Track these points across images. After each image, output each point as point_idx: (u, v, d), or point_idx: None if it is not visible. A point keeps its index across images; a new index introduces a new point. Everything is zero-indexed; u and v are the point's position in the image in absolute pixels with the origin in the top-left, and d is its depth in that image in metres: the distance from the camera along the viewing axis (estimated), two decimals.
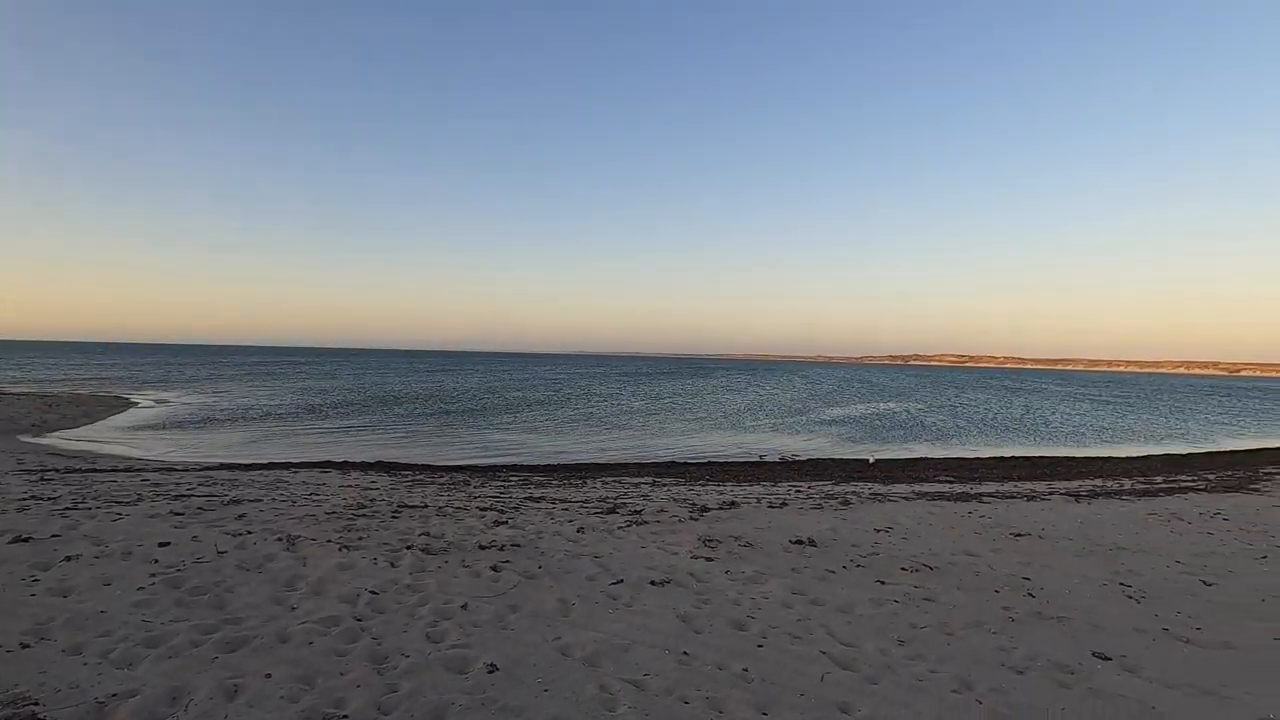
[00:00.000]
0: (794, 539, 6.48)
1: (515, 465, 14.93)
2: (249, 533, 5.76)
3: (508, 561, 5.31)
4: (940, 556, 6.11)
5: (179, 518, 6.19)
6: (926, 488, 11.15)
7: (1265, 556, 6.53)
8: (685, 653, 3.78)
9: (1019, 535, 7.08)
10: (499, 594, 4.57)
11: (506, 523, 6.82)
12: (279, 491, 8.46)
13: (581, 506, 8.11)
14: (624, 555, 5.74)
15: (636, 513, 7.68)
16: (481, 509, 7.66)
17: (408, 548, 5.55)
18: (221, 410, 27.03)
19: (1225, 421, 34.50)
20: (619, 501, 8.61)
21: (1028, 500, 9.53)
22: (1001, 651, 4.04)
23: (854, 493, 10.07)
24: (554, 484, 10.83)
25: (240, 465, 13.25)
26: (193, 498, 7.41)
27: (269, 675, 3.19)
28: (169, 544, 5.21)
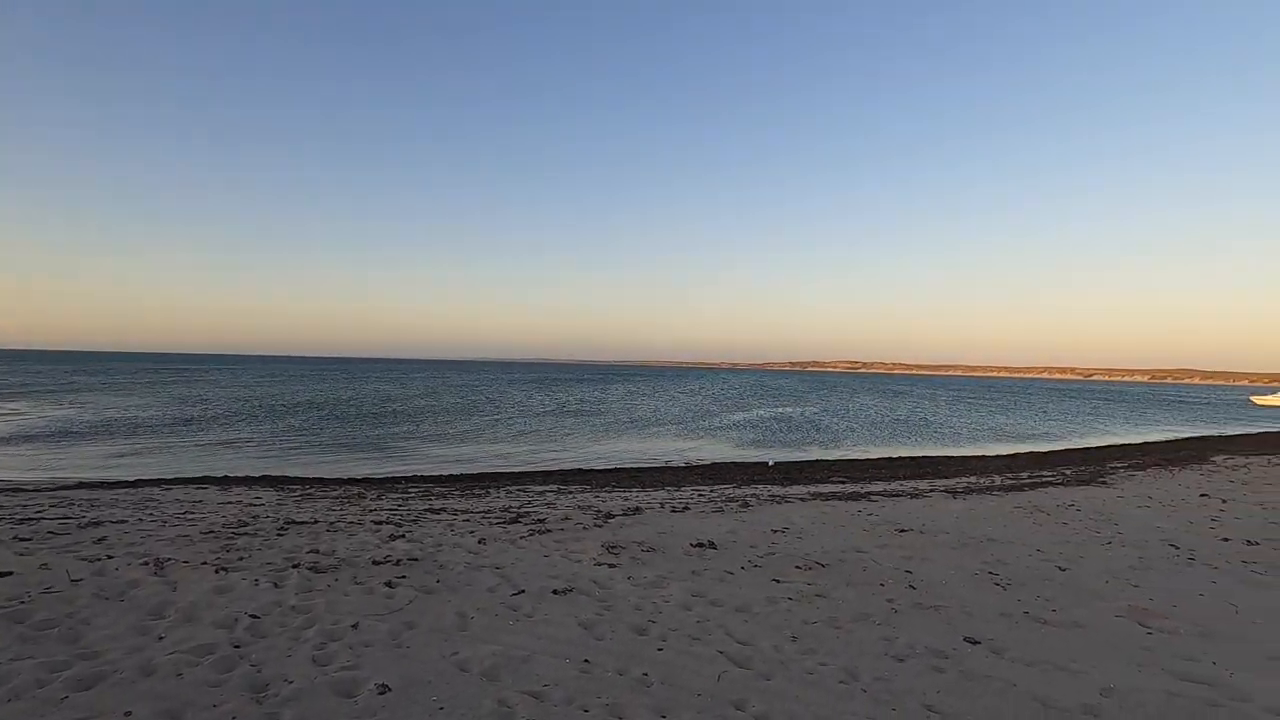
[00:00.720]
0: (695, 542, 6.62)
1: (416, 476, 14.41)
2: (109, 557, 5.26)
3: (404, 577, 5.12)
4: (831, 554, 6.42)
5: (25, 544, 5.57)
6: (821, 488, 11.68)
7: (1110, 542, 7.28)
8: (586, 660, 3.78)
9: (903, 531, 7.55)
10: (394, 611, 4.40)
11: (404, 536, 6.57)
12: (147, 511, 7.77)
13: (484, 517, 7.94)
14: (526, 565, 5.67)
15: (540, 521, 7.60)
16: (377, 523, 7.34)
17: (294, 566, 5.24)
18: (84, 423, 24.45)
19: (1080, 421, 38.18)
20: (523, 510, 8.49)
21: (911, 498, 10.18)
22: (885, 641, 4.29)
23: (754, 495, 10.40)
24: (456, 494, 10.54)
25: (102, 483, 12.06)
26: (42, 520, 6.69)
27: (128, 713, 2.93)
28: (10, 574, 4.67)
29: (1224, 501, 10.07)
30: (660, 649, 4.01)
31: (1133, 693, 3.67)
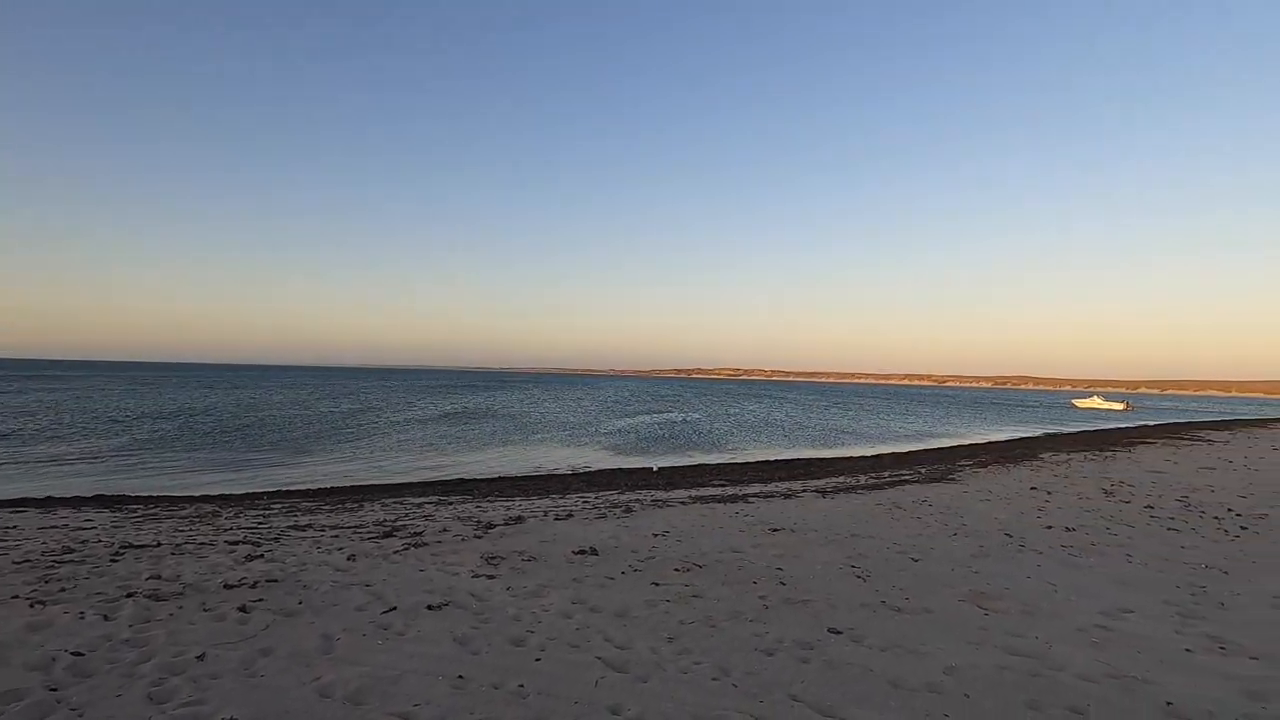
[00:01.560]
0: (577, 549, 6.61)
1: (281, 491, 13.39)
2: None
3: (261, 600, 4.75)
4: (709, 555, 6.62)
5: None
6: (702, 491, 12.02)
7: (956, 534, 8.00)
8: (461, 676, 3.68)
9: (776, 530, 7.92)
10: (247, 638, 4.07)
11: (262, 556, 6.09)
12: None
13: (355, 532, 7.52)
14: (400, 580, 5.43)
15: (417, 534, 7.31)
16: (232, 543, 6.76)
17: (129, 596, 4.72)
18: None
19: (935, 423, 41.69)
20: (398, 524, 8.12)
21: (785, 498, 10.70)
22: (756, 637, 4.48)
23: (637, 500, 10.54)
24: (325, 509, 9.90)
25: None
26: None
27: None
28: None
29: (1049, 494, 11.34)
30: (538, 659, 3.97)
31: (970, 669, 4.05)
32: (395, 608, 4.74)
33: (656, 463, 19.31)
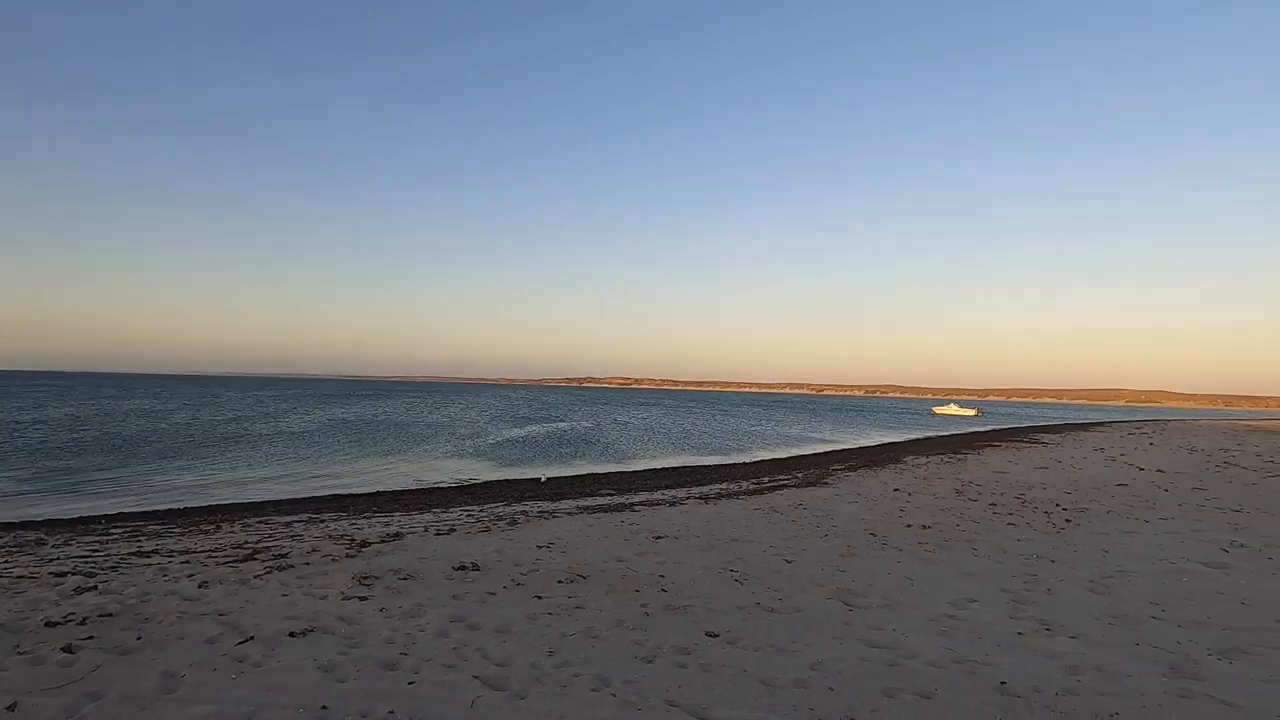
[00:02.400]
0: (458, 565, 6.42)
1: (123, 513, 12.04)
2: None
3: (91, 638, 4.25)
4: (594, 565, 6.63)
5: None
6: (590, 501, 12.02)
7: (827, 535, 8.47)
8: (324, 707, 3.46)
9: (660, 538, 8.06)
10: (72, 681, 3.63)
11: (96, 588, 5.46)
12: None
13: (210, 556, 6.90)
14: (259, 607, 5.04)
15: (281, 556, 6.81)
16: (58, 575, 6.01)
17: None
18: None
19: (813, 429, 44.02)
20: (261, 545, 7.54)
21: (670, 506, 10.91)
22: (636, 645, 4.53)
23: (523, 512, 10.38)
24: (175, 532, 9.02)
25: None
26: None
27: None
28: None
29: (909, 495, 12.27)
30: (411, 682, 3.81)
31: (834, 663, 4.30)
32: (252, 637, 4.39)
33: (544, 473, 19.10)
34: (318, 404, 61.27)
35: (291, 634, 4.46)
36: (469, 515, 10.28)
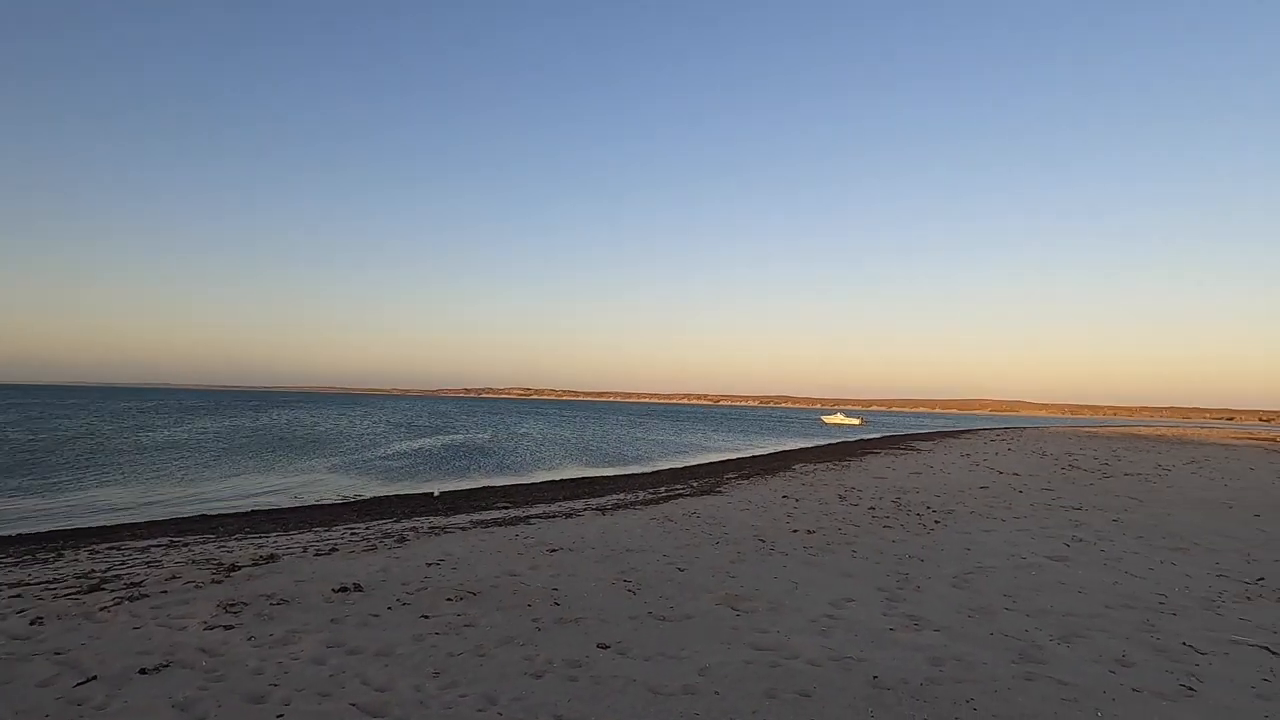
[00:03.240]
0: (338, 587, 6.09)
1: None
2: None
3: None
4: (485, 581, 6.48)
5: None
6: (484, 515, 11.74)
7: (718, 542, 8.71)
8: None
9: (554, 550, 8.00)
10: None
11: None
12: None
13: (47, 588, 6.17)
14: (104, 643, 4.56)
15: (134, 585, 6.20)
16: None
17: None
18: None
19: (710, 439, 45.13)
20: (110, 574, 6.82)
21: (566, 518, 10.85)
22: (527, 661, 4.47)
23: (413, 528, 9.99)
24: (6, 562, 7.99)
25: None
26: None
27: None
28: None
29: (796, 501, 12.83)
30: (281, 715, 3.58)
31: (721, 667, 4.42)
32: (95, 677, 3.97)
33: (437, 487, 18.48)
34: (186, 416, 56.10)
35: (143, 670, 4.07)
36: (354, 533, 9.77)
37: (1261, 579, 7.17)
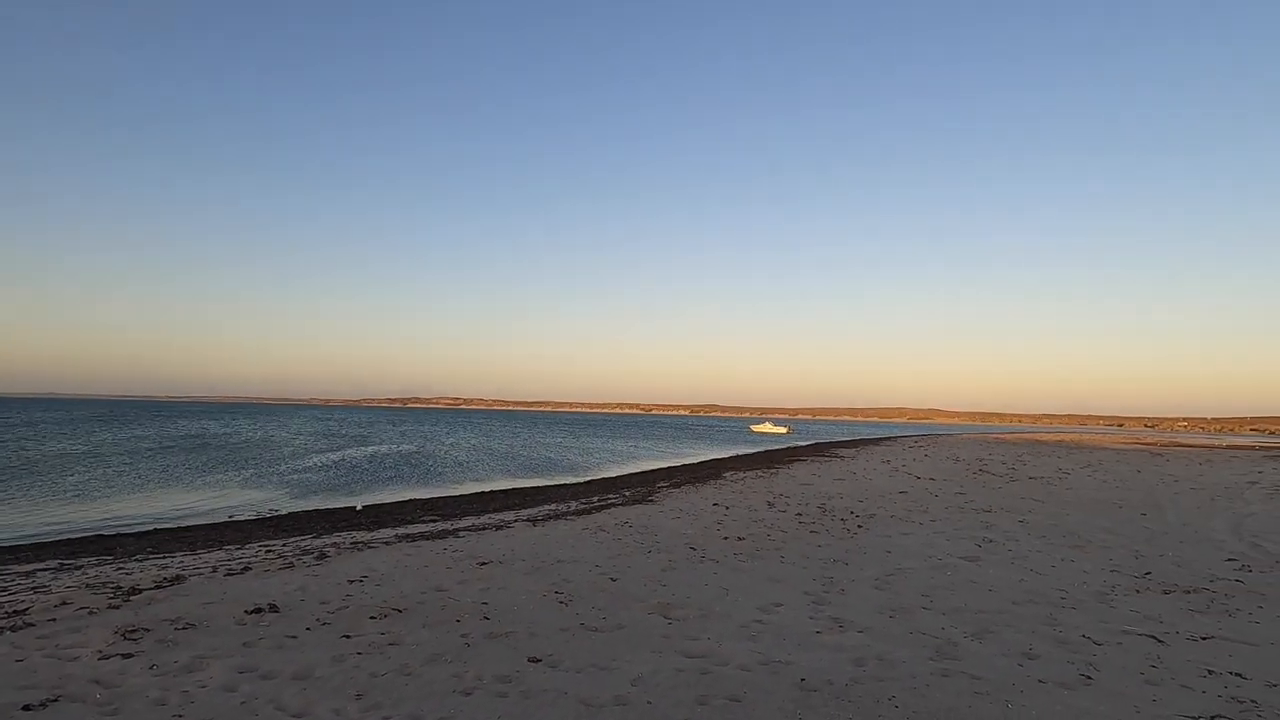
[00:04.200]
0: (252, 608, 5.76)
1: None
2: None
3: None
4: (411, 597, 6.28)
5: None
6: (410, 529, 11.38)
7: (650, 551, 8.74)
8: None
9: (484, 564, 7.83)
10: None
11: None
12: None
13: None
14: None
15: (18, 613, 5.68)
16: None
17: None
18: None
19: (642, 448, 45.33)
20: None
21: (496, 530, 10.65)
22: (455, 678, 4.35)
23: (335, 544, 9.58)
24: None
25: None
26: None
27: None
28: None
29: (727, 508, 13.03)
30: None
31: (653, 676, 4.43)
32: None
33: (360, 500, 17.80)
34: (84, 428, 51.87)
35: (26, 707, 3.74)
36: (270, 551, 9.28)
37: (1148, 573, 7.78)
